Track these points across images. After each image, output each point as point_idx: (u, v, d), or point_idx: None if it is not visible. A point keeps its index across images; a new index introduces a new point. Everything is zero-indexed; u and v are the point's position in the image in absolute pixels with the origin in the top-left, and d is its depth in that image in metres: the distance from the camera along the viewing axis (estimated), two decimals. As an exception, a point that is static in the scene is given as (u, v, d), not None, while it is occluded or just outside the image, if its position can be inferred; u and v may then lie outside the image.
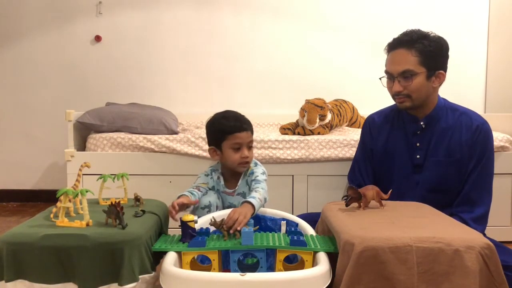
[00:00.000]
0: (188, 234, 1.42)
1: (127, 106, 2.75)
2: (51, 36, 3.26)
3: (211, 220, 1.49)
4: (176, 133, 2.51)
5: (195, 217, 1.49)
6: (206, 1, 3.27)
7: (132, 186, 1.87)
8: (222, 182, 1.91)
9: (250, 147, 1.87)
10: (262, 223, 1.71)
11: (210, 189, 1.90)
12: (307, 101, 2.60)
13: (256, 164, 1.92)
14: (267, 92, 3.31)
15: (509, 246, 1.68)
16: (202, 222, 1.59)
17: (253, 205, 1.61)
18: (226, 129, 1.84)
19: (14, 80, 3.28)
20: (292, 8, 3.29)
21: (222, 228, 1.46)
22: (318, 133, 2.55)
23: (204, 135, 2.11)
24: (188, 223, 1.43)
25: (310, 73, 3.30)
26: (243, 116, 1.91)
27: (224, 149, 1.86)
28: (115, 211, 1.38)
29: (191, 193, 1.79)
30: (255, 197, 1.65)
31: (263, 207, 1.76)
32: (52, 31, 3.26)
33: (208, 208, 1.81)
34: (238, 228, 1.45)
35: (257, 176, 1.83)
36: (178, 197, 1.73)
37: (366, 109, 2.54)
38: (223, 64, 3.30)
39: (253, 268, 1.40)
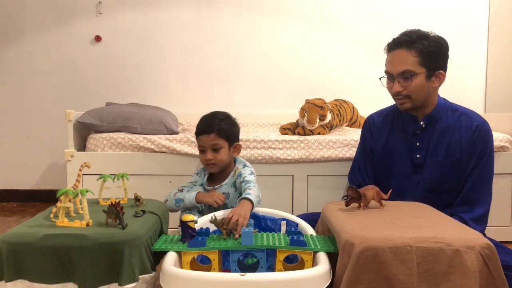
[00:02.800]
0: (188, 234, 1.42)
1: (127, 106, 2.75)
2: (51, 36, 3.26)
3: (211, 217, 1.50)
4: (176, 133, 2.51)
5: (195, 217, 1.50)
6: (206, 1, 3.27)
7: (132, 186, 1.87)
8: (205, 180, 1.96)
9: (216, 150, 1.88)
10: (262, 223, 1.71)
11: (197, 186, 1.94)
12: (307, 101, 2.60)
13: (244, 166, 1.93)
14: (267, 92, 3.31)
15: (509, 246, 1.68)
16: (202, 222, 1.60)
17: (251, 201, 1.64)
18: (195, 131, 1.93)
19: (14, 80, 3.27)
20: (292, 8, 3.29)
21: (222, 227, 1.46)
22: (318, 133, 2.54)
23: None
24: (188, 223, 1.43)
25: (310, 73, 3.29)
26: (219, 118, 1.91)
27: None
28: (115, 211, 1.38)
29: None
30: (251, 193, 1.69)
31: (259, 204, 1.77)
32: (52, 31, 3.26)
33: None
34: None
35: (245, 177, 1.84)
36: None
37: (366, 109, 2.53)
38: (223, 64, 3.30)
39: (253, 268, 1.40)
